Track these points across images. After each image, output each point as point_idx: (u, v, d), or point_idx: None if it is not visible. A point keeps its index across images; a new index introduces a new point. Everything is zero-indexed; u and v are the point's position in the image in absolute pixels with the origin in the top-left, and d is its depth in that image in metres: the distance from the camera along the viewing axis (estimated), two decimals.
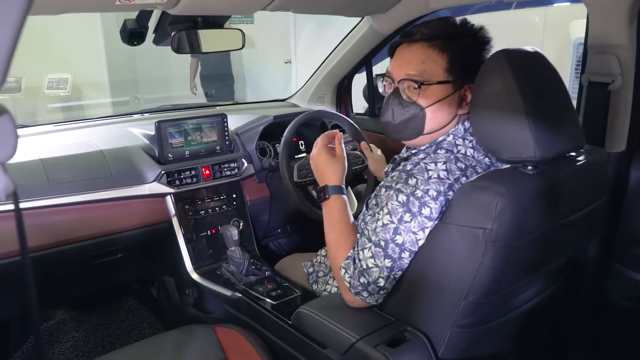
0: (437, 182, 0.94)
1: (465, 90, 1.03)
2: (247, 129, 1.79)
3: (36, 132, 1.66)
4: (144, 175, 1.51)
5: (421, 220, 0.93)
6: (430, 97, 1.01)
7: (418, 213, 0.93)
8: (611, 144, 1.31)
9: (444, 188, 0.94)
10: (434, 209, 0.93)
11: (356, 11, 1.80)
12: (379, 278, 0.97)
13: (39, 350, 1.20)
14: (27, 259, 0.50)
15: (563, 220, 0.97)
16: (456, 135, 1.04)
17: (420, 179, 0.94)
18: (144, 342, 1.28)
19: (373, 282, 0.98)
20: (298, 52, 5.92)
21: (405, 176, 0.97)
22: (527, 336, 1.18)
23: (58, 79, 4.20)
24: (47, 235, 1.34)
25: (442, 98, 1.01)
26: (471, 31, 1.03)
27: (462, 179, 0.96)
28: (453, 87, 1.01)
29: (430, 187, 0.93)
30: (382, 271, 0.97)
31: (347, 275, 1.02)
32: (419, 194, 0.93)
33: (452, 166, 0.97)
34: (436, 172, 0.95)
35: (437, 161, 0.97)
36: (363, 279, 0.99)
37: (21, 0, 0.34)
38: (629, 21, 1.21)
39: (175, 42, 1.46)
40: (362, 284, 0.99)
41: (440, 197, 0.93)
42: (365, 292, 1.00)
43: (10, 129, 0.38)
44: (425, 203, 0.93)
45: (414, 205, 0.93)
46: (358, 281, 1.00)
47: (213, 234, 1.61)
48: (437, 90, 1.01)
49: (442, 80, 1.00)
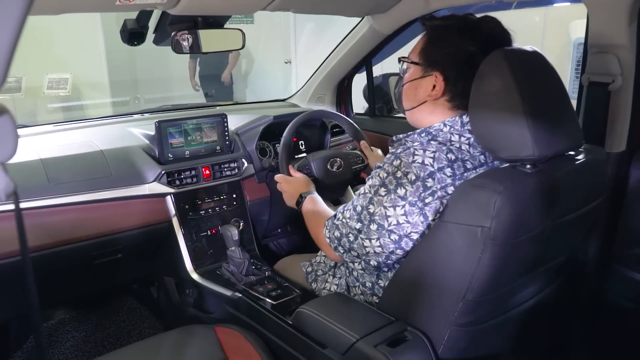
0: (418, 167, 0.97)
1: (436, 77, 1.06)
2: (247, 129, 1.79)
3: (36, 132, 1.66)
4: (144, 175, 1.51)
5: (393, 198, 0.98)
6: (408, 76, 1.13)
7: (393, 191, 0.99)
8: (611, 144, 1.31)
9: (424, 174, 0.97)
10: (409, 191, 0.97)
11: (356, 11, 1.80)
12: (349, 233, 1.07)
13: (39, 350, 1.20)
14: (27, 259, 0.50)
15: (562, 219, 0.97)
16: (453, 127, 1.05)
17: (403, 162, 0.99)
18: (144, 342, 1.27)
19: (345, 235, 1.08)
20: (298, 52, 5.92)
21: (392, 158, 1.03)
22: (526, 335, 1.18)
23: (58, 79, 4.21)
24: (47, 235, 1.34)
25: (414, 78, 1.11)
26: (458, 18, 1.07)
27: (446, 170, 0.97)
28: (422, 70, 1.09)
29: (411, 170, 0.98)
30: (352, 229, 1.06)
31: (326, 231, 1.15)
32: (398, 175, 0.99)
33: (441, 155, 0.99)
34: (422, 157, 0.98)
35: (426, 149, 1.00)
36: (337, 232, 1.10)
37: (21, 1, 0.34)
38: (629, 21, 1.21)
39: (175, 42, 1.46)
40: (337, 237, 1.11)
41: (418, 182, 0.96)
42: (340, 248, 1.11)
43: (10, 129, 0.38)
44: (402, 184, 0.98)
45: (390, 183, 1.00)
46: (333, 234, 1.11)
47: (213, 234, 1.61)
48: (412, 70, 1.11)
49: (414, 61, 1.10)
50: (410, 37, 1.19)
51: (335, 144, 2.01)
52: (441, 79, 1.05)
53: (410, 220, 0.97)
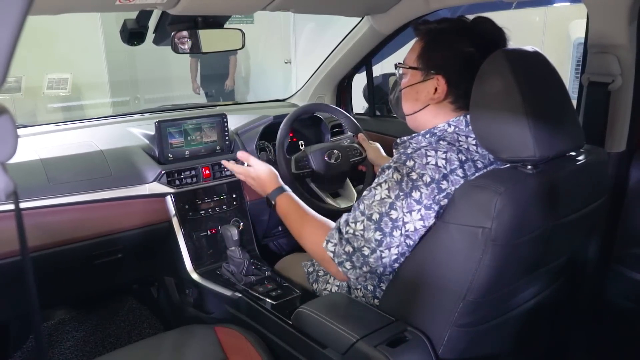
0: (433, 169, 0.96)
1: (438, 80, 1.06)
2: (247, 129, 1.79)
3: (36, 132, 1.66)
4: (144, 175, 1.51)
5: (409, 202, 0.95)
6: (406, 81, 1.12)
7: (408, 194, 0.95)
8: (611, 144, 1.31)
9: (439, 176, 0.95)
10: (424, 194, 0.95)
11: (356, 11, 1.80)
12: (364, 247, 0.99)
13: (39, 350, 1.20)
14: (27, 259, 0.50)
15: (563, 220, 0.97)
16: (458, 127, 1.05)
17: (417, 163, 0.97)
18: (144, 342, 1.27)
19: (358, 249, 1.00)
20: (298, 52, 5.92)
21: (404, 158, 0.99)
22: (526, 336, 1.18)
23: (58, 79, 4.21)
24: (47, 235, 1.34)
25: (412, 83, 1.10)
26: (453, 21, 1.07)
27: (458, 171, 0.97)
28: (422, 74, 1.08)
29: (426, 172, 0.95)
30: (370, 242, 0.98)
31: (331, 245, 1.05)
32: (413, 176, 0.96)
33: (453, 155, 0.98)
34: (435, 159, 0.97)
35: (437, 149, 0.99)
36: (349, 247, 1.01)
37: (21, 0, 0.34)
38: (629, 21, 1.21)
39: (174, 42, 1.46)
40: (347, 252, 1.01)
41: (433, 185, 0.95)
42: (348, 263, 1.02)
43: (10, 129, 0.38)
44: (417, 187, 0.95)
45: (406, 186, 0.96)
46: (343, 249, 1.02)
47: (213, 234, 1.61)
48: (410, 75, 1.11)
49: (412, 66, 1.09)
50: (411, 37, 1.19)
51: None
52: (443, 81, 1.05)
53: (427, 224, 0.96)
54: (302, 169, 1.62)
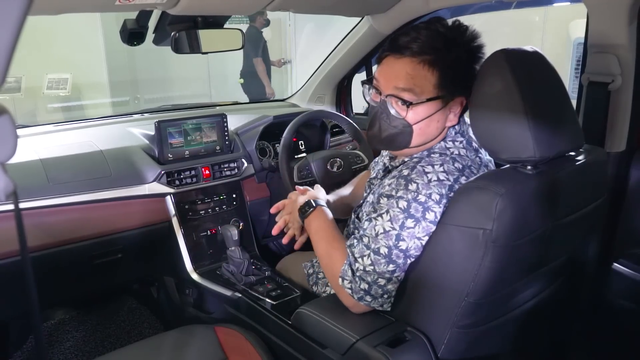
0: (437, 184, 0.93)
1: (455, 102, 1.01)
2: (247, 129, 1.80)
3: (36, 132, 1.66)
4: (144, 175, 1.51)
5: (426, 226, 0.93)
6: (419, 114, 0.99)
7: (422, 218, 0.92)
8: (611, 144, 1.31)
9: (445, 190, 0.94)
10: (437, 212, 0.93)
11: (356, 11, 1.80)
12: (378, 279, 0.97)
13: (39, 350, 1.20)
14: (27, 259, 0.50)
15: (563, 220, 0.97)
16: (446, 139, 1.04)
17: (420, 183, 0.94)
18: (144, 342, 1.27)
19: (374, 282, 0.97)
20: (297, 52, 5.92)
21: (404, 182, 0.95)
22: (527, 336, 1.18)
23: (58, 79, 4.20)
24: (47, 235, 1.34)
25: (431, 114, 0.99)
26: (462, 41, 0.98)
27: (461, 179, 0.96)
28: (442, 101, 0.99)
29: (433, 190, 0.93)
30: (384, 275, 0.96)
31: (346, 282, 1.01)
32: (421, 199, 0.93)
33: (450, 167, 0.97)
34: (435, 174, 0.95)
35: (433, 164, 0.97)
36: (364, 284, 0.98)
37: (21, 0, 0.34)
38: (629, 21, 1.21)
39: (174, 42, 1.46)
40: (364, 289, 0.98)
41: (444, 200, 0.93)
42: (368, 297, 0.99)
43: (10, 129, 0.38)
44: (429, 208, 0.92)
45: (417, 211, 0.92)
46: (359, 287, 0.99)
47: (213, 234, 1.61)
48: (426, 107, 0.98)
49: (431, 97, 0.98)
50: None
51: (335, 144, 2.01)
52: (465, 100, 1.01)
53: (431, 232, 0.95)
54: (305, 178, 1.62)
